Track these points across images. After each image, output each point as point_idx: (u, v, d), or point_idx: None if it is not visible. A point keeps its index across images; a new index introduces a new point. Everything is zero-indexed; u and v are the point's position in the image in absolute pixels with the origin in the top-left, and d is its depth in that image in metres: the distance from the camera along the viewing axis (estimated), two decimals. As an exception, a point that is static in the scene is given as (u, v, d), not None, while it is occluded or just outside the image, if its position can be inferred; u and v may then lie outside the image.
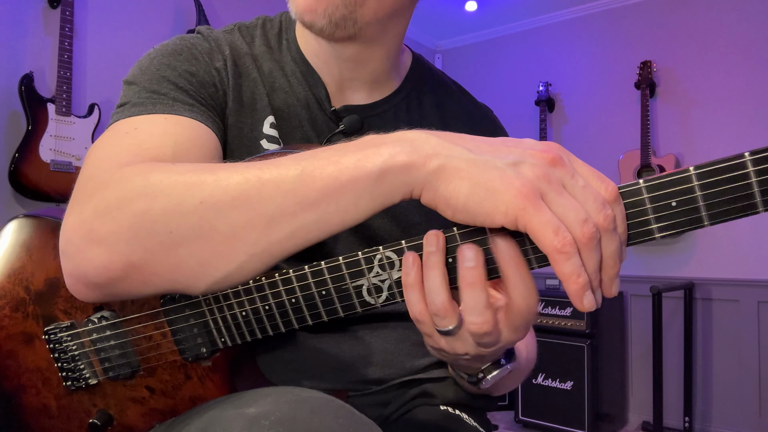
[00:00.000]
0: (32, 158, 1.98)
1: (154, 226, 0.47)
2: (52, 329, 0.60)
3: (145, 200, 0.48)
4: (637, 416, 3.18)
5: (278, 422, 0.43)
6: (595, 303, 0.43)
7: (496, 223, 0.42)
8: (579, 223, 0.41)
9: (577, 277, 0.41)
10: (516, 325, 0.47)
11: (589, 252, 0.42)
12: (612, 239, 0.43)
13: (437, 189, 0.44)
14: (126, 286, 0.50)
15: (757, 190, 0.42)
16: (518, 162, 0.43)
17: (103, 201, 0.50)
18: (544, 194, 0.42)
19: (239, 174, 0.47)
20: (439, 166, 0.43)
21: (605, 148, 3.33)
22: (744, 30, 2.99)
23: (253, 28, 0.78)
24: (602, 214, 0.42)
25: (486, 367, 0.58)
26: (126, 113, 0.62)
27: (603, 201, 0.42)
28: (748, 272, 2.91)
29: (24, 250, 0.62)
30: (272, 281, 0.53)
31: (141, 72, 0.67)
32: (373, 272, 0.49)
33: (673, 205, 0.43)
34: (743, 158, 0.42)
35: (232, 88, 0.70)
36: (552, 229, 0.40)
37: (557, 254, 0.41)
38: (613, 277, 0.44)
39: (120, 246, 0.48)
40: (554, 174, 0.42)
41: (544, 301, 3.00)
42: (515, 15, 3.71)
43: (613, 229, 0.42)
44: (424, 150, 0.44)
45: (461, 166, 0.43)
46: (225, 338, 0.56)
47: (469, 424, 0.73)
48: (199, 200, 0.47)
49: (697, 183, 0.43)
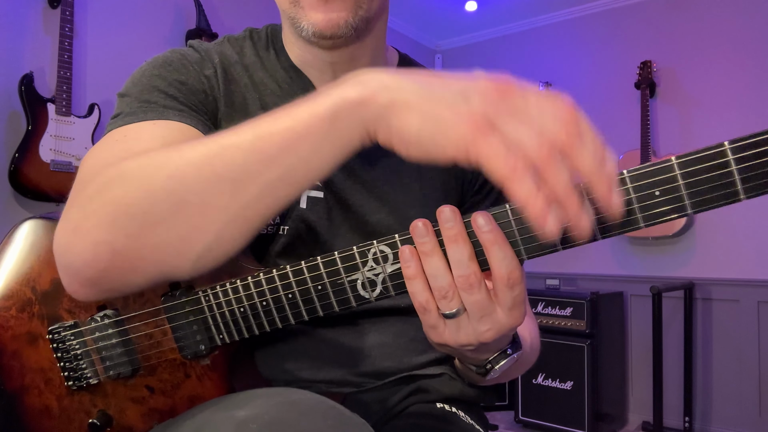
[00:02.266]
0: (32, 158, 1.98)
1: (130, 209, 0.48)
2: (56, 329, 0.61)
3: (118, 185, 0.49)
4: (637, 416, 3.18)
5: (266, 425, 0.44)
6: (562, 223, 0.41)
7: (449, 155, 0.42)
8: (532, 142, 0.40)
9: (533, 198, 0.40)
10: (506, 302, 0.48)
11: (549, 169, 0.40)
12: (584, 147, 0.41)
13: (390, 124, 0.44)
14: (116, 276, 0.51)
15: (738, 177, 0.42)
16: (467, 93, 0.43)
17: (85, 197, 0.51)
18: (495, 122, 0.41)
19: (201, 145, 0.49)
20: (389, 100, 0.44)
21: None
22: (744, 30, 2.99)
23: (242, 39, 0.79)
24: (559, 125, 0.41)
25: (493, 357, 0.59)
26: (118, 123, 0.64)
27: (560, 116, 0.41)
28: (748, 272, 2.91)
29: (33, 251, 0.63)
30: (269, 276, 0.54)
31: (133, 84, 0.68)
32: (368, 266, 0.51)
33: (656, 194, 0.44)
34: (723, 147, 0.42)
35: (223, 94, 0.72)
36: (502, 153, 0.40)
37: (508, 179, 0.40)
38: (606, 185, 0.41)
39: (102, 235, 0.49)
40: (504, 102, 0.42)
41: (544, 301, 3.00)
42: (515, 15, 3.72)
43: (577, 136, 0.41)
44: (372, 85, 0.44)
45: (411, 99, 0.43)
46: (223, 335, 0.57)
47: (465, 422, 0.73)
48: (167, 175, 0.48)
49: (679, 172, 0.43)
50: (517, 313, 0.49)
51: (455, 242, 0.47)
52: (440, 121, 0.42)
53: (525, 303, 0.50)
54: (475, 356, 0.57)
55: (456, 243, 0.47)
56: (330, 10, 0.64)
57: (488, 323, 0.49)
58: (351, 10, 0.65)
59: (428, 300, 0.49)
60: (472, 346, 0.51)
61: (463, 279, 0.47)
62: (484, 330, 0.49)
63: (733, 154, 0.42)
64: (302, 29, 0.66)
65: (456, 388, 0.76)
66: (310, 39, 0.68)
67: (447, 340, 0.51)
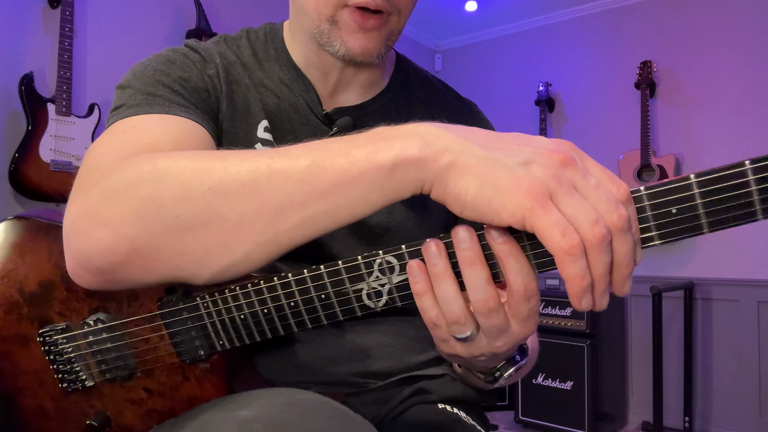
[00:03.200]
0: (32, 158, 1.98)
1: (161, 210, 0.47)
2: (47, 331, 0.60)
3: (152, 184, 0.47)
4: (637, 416, 3.18)
5: (269, 425, 0.43)
6: (593, 303, 0.43)
7: (504, 221, 0.42)
8: (589, 224, 0.40)
9: (581, 279, 0.41)
10: (521, 314, 0.47)
11: (598, 254, 0.41)
12: (625, 239, 0.42)
13: (447, 185, 0.43)
14: (128, 272, 0.50)
15: (757, 198, 0.41)
16: (529, 161, 0.42)
17: (110, 185, 0.49)
18: (553, 195, 0.41)
19: (249, 161, 0.47)
20: (450, 162, 0.43)
21: (605, 148, 3.32)
22: (744, 30, 2.98)
23: (238, 39, 0.79)
24: (615, 213, 0.41)
25: (501, 365, 0.58)
26: (122, 114, 0.62)
27: (616, 201, 0.42)
28: (748, 272, 2.91)
29: (16, 252, 0.61)
30: (271, 285, 0.52)
31: (135, 77, 0.67)
32: (373, 276, 0.49)
33: (673, 212, 0.43)
34: (744, 166, 0.41)
35: (225, 95, 0.71)
36: (559, 230, 0.40)
37: (564, 255, 0.40)
38: (626, 276, 0.43)
39: (125, 229, 0.48)
40: (565, 174, 0.42)
41: (544, 301, 3.00)
42: (515, 15, 3.71)
43: (627, 228, 0.42)
44: (435, 145, 0.43)
45: (471, 163, 0.42)
46: (223, 341, 0.56)
47: (466, 422, 0.73)
48: (208, 186, 0.46)
49: (697, 191, 0.42)
50: (531, 323, 0.48)
51: (472, 265, 0.45)
52: (499, 188, 0.41)
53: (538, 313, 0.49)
54: (485, 365, 0.57)
55: (473, 266, 0.45)
56: (367, 39, 0.67)
57: (504, 338, 0.48)
58: (383, 42, 0.69)
59: (438, 316, 0.48)
60: (484, 357, 0.51)
61: (481, 304, 0.46)
62: (500, 345, 0.48)
63: (753, 174, 0.41)
64: (333, 47, 0.69)
65: (457, 389, 0.76)
66: (336, 57, 0.70)
67: (459, 352, 0.50)
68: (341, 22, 0.67)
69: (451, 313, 0.47)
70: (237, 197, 0.46)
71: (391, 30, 0.70)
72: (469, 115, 0.86)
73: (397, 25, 0.70)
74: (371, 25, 0.67)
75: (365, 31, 0.67)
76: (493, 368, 0.59)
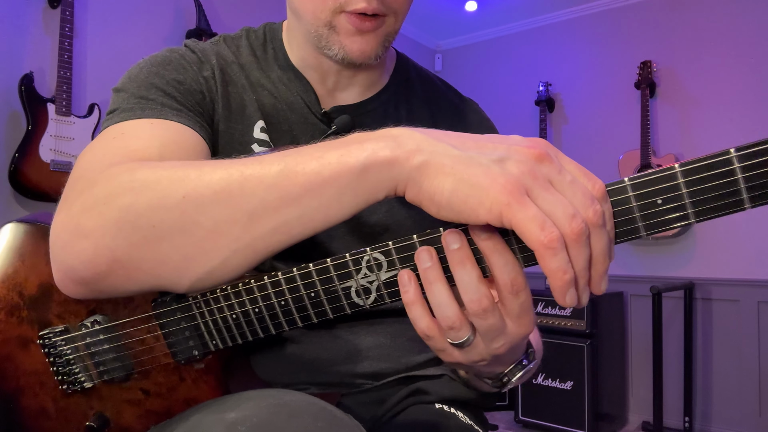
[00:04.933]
0: (32, 158, 1.98)
1: (138, 220, 0.48)
2: (46, 334, 0.61)
3: (130, 195, 0.48)
4: (637, 416, 3.18)
5: (255, 427, 0.44)
6: (577, 299, 0.43)
7: (481, 219, 0.42)
8: (567, 218, 0.40)
9: (563, 273, 0.41)
10: (512, 311, 0.47)
11: (578, 248, 0.41)
12: (601, 235, 0.42)
13: (421, 185, 0.43)
14: (112, 281, 0.51)
15: (743, 186, 0.41)
16: (503, 158, 0.42)
17: (91, 197, 0.50)
18: (529, 190, 0.41)
19: (222, 169, 0.48)
20: (422, 162, 0.43)
21: (605, 148, 3.33)
22: (744, 30, 2.98)
23: (238, 38, 0.79)
24: (591, 209, 0.41)
25: (509, 370, 0.58)
26: (115, 119, 0.64)
27: (591, 197, 0.42)
28: (748, 272, 2.91)
29: (17, 255, 0.62)
30: (261, 284, 0.52)
31: (130, 80, 0.68)
32: (361, 273, 0.49)
33: (658, 202, 0.43)
34: (729, 154, 0.41)
35: (220, 96, 0.72)
36: (538, 224, 0.40)
37: (544, 249, 0.40)
38: (602, 273, 0.44)
39: (105, 240, 0.49)
40: (540, 170, 0.42)
41: (543, 301, 3.00)
42: (515, 15, 3.71)
43: (602, 224, 0.42)
44: (407, 146, 0.44)
45: (445, 162, 0.43)
46: (216, 341, 0.56)
47: (464, 422, 0.73)
48: (182, 195, 0.47)
49: (682, 180, 0.42)
50: (526, 320, 0.48)
51: (462, 265, 0.45)
52: (474, 186, 0.41)
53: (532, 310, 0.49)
54: (488, 370, 0.57)
55: (463, 265, 0.45)
56: (365, 42, 0.68)
57: (501, 339, 0.48)
58: (381, 44, 0.69)
59: (429, 326, 0.48)
60: (485, 361, 0.50)
61: (475, 304, 0.46)
62: (497, 346, 0.48)
63: (738, 162, 0.41)
64: (331, 51, 0.69)
65: (456, 390, 0.76)
66: (335, 60, 0.70)
67: (458, 359, 0.50)
68: (339, 26, 0.67)
69: (445, 318, 0.46)
70: (210, 205, 0.47)
71: (388, 31, 0.70)
72: (470, 114, 0.85)
73: (394, 25, 0.70)
74: (368, 27, 0.67)
75: (363, 34, 0.67)
76: (501, 373, 0.58)
